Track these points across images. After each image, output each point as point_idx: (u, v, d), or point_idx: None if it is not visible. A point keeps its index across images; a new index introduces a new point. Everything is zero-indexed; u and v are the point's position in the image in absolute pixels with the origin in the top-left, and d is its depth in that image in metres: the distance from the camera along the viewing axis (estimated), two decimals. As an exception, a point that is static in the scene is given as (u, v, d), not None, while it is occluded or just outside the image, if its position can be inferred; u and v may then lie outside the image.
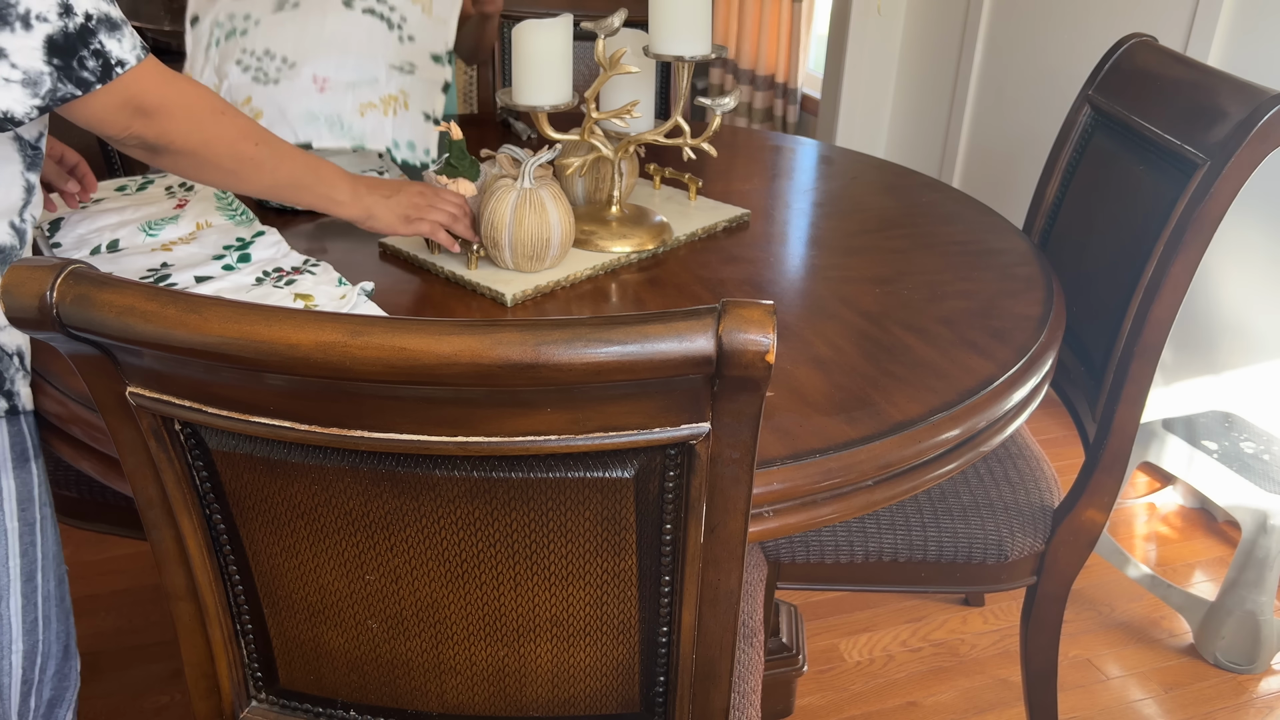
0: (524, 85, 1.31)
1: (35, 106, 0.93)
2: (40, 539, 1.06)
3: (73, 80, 0.94)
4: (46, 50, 0.92)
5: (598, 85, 1.33)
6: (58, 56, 0.93)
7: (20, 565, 1.04)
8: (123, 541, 2.04)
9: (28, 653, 1.06)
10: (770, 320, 0.63)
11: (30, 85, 0.92)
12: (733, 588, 0.79)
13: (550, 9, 2.20)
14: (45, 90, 0.93)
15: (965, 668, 1.87)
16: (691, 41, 1.34)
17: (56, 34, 0.92)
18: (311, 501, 0.77)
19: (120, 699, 1.72)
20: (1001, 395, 1.10)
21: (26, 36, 0.90)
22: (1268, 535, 1.82)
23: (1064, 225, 1.58)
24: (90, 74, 0.95)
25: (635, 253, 1.38)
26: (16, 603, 1.04)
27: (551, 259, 1.30)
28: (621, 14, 1.28)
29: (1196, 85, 1.34)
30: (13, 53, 0.90)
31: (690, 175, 1.59)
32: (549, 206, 1.27)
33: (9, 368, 1.01)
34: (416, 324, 0.64)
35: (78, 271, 0.69)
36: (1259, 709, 1.80)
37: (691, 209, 1.55)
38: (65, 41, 0.92)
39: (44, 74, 0.92)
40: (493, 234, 1.27)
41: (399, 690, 0.89)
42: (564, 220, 1.29)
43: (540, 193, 1.27)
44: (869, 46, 3.36)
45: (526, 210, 1.26)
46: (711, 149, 1.38)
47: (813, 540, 1.37)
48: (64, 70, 0.93)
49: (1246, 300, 2.23)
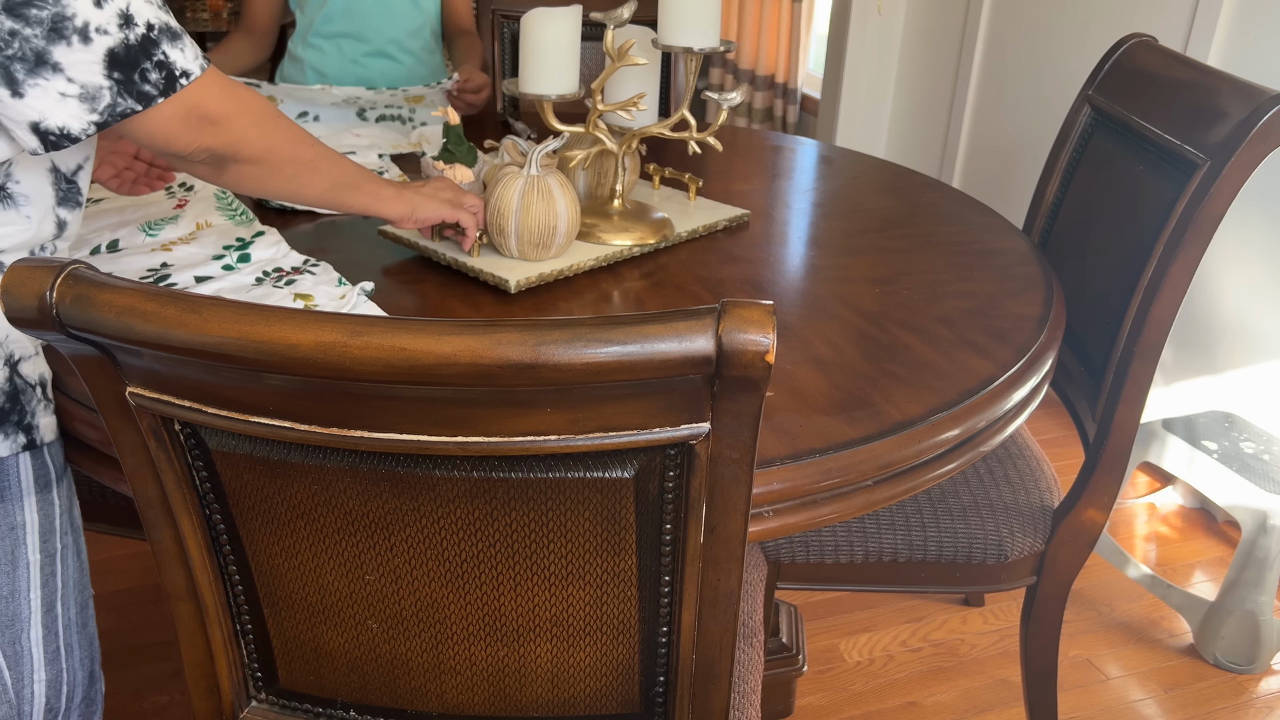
0: (531, 73, 1.31)
1: (93, 122, 0.89)
2: (61, 568, 1.04)
3: (133, 94, 0.90)
4: (107, 64, 0.87)
5: (605, 76, 1.33)
6: (119, 70, 0.88)
7: (41, 596, 1.02)
8: (123, 541, 2.04)
9: (51, 682, 1.05)
10: (770, 320, 0.63)
11: (88, 100, 0.88)
12: (733, 588, 0.79)
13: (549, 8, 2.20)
14: (104, 105, 0.88)
15: (965, 668, 1.87)
16: (701, 33, 1.34)
17: (118, 46, 0.87)
18: (311, 501, 0.77)
19: (120, 699, 1.72)
20: (1001, 395, 1.10)
21: (85, 50, 0.86)
22: (1268, 535, 1.82)
23: (1064, 225, 1.58)
24: (152, 87, 0.90)
25: (637, 246, 1.38)
26: (38, 634, 1.03)
27: (557, 248, 1.30)
28: (631, 4, 1.28)
29: (1196, 85, 1.34)
30: (70, 67, 0.86)
31: (690, 175, 1.59)
32: (556, 194, 1.26)
33: (30, 399, 0.98)
34: (416, 324, 0.64)
35: (77, 271, 0.69)
36: (1259, 709, 1.80)
37: (691, 208, 1.55)
38: (127, 54, 0.88)
39: (103, 88, 0.88)
40: (499, 220, 1.27)
41: (399, 690, 0.89)
42: (570, 209, 1.28)
43: (548, 180, 1.27)
44: (869, 46, 3.36)
45: (534, 197, 1.25)
46: (717, 143, 1.39)
47: (813, 540, 1.37)
48: (125, 84, 0.89)
49: (1246, 300, 2.23)
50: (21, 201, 0.95)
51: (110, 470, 1.03)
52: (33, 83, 0.85)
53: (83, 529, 1.09)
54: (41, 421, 0.99)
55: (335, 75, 2.03)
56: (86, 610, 1.09)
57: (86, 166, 1.02)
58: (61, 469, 1.03)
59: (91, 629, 1.10)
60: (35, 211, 0.96)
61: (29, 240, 0.96)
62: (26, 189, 0.96)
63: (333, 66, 2.03)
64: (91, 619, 1.10)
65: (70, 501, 1.06)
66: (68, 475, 1.05)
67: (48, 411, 1.00)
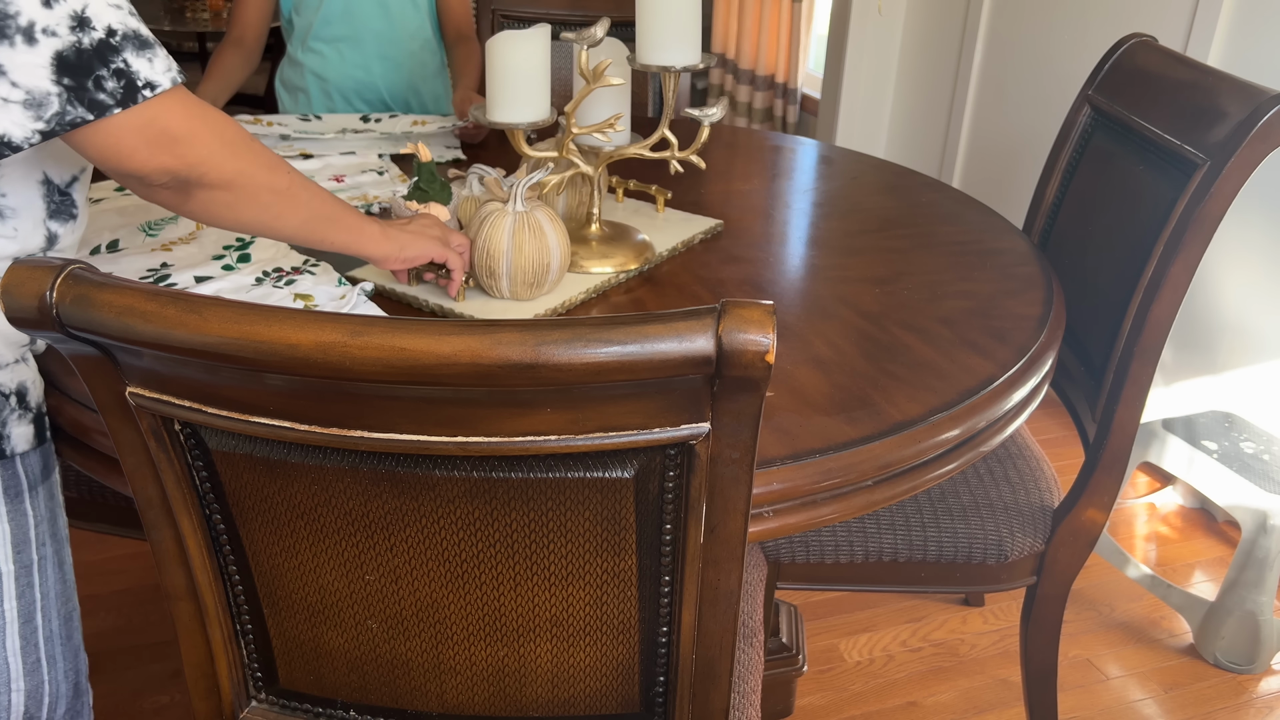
0: (500, 100, 1.22)
1: (38, 131, 0.83)
2: (39, 579, 1.01)
3: (84, 103, 0.83)
4: (55, 68, 0.82)
5: (579, 99, 1.26)
6: (69, 75, 0.82)
7: (18, 607, 1.00)
8: (123, 541, 2.04)
9: (31, 692, 1.03)
10: (770, 320, 0.63)
11: (34, 107, 0.82)
12: (733, 588, 0.79)
13: (549, 9, 2.20)
14: (52, 113, 0.83)
15: (965, 668, 1.87)
16: (680, 50, 1.27)
17: (68, 50, 0.82)
18: (311, 501, 0.77)
19: (120, 699, 1.72)
20: (1001, 395, 1.10)
21: (29, 52, 0.81)
22: (1268, 535, 1.82)
23: (1064, 225, 1.58)
24: (108, 96, 0.84)
25: (620, 273, 1.32)
26: (15, 644, 1.01)
27: (550, 284, 1.23)
28: (605, 23, 1.21)
29: (1196, 85, 1.34)
30: (12, 69, 0.81)
31: (658, 187, 1.54)
32: (547, 229, 1.20)
33: (1, 410, 0.94)
34: (416, 324, 0.64)
35: (77, 272, 0.69)
36: (1259, 709, 1.80)
37: (660, 221, 1.49)
38: (79, 59, 0.82)
39: (51, 94, 0.82)
40: (488, 263, 1.19)
41: (399, 690, 0.89)
42: (563, 243, 1.22)
43: (536, 215, 1.19)
44: (869, 46, 3.36)
45: (526, 235, 1.18)
46: (700, 161, 1.33)
47: (813, 540, 1.37)
48: (75, 91, 0.83)
49: (1246, 300, 2.23)
50: (8, 215, 0.93)
51: (110, 470, 1.03)
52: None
53: (75, 531, 1.06)
54: (13, 431, 0.96)
55: (336, 79, 2.02)
56: (71, 623, 1.07)
57: (83, 179, 0.98)
58: (37, 479, 1.00)
59: (77, 641, 1.08)
60: (23, 225, 0.94)
61: (14, 253, 0.94)
62: (14, 202, 0.93)
63: (333, 71, 2.02)
64: (77, 631, 1.08)
65: (52, 513, 1.03)
66: (48, 486, 1.02)
67: (21, 421, 0.97)
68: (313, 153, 1.70)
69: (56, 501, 1.04)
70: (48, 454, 1.02)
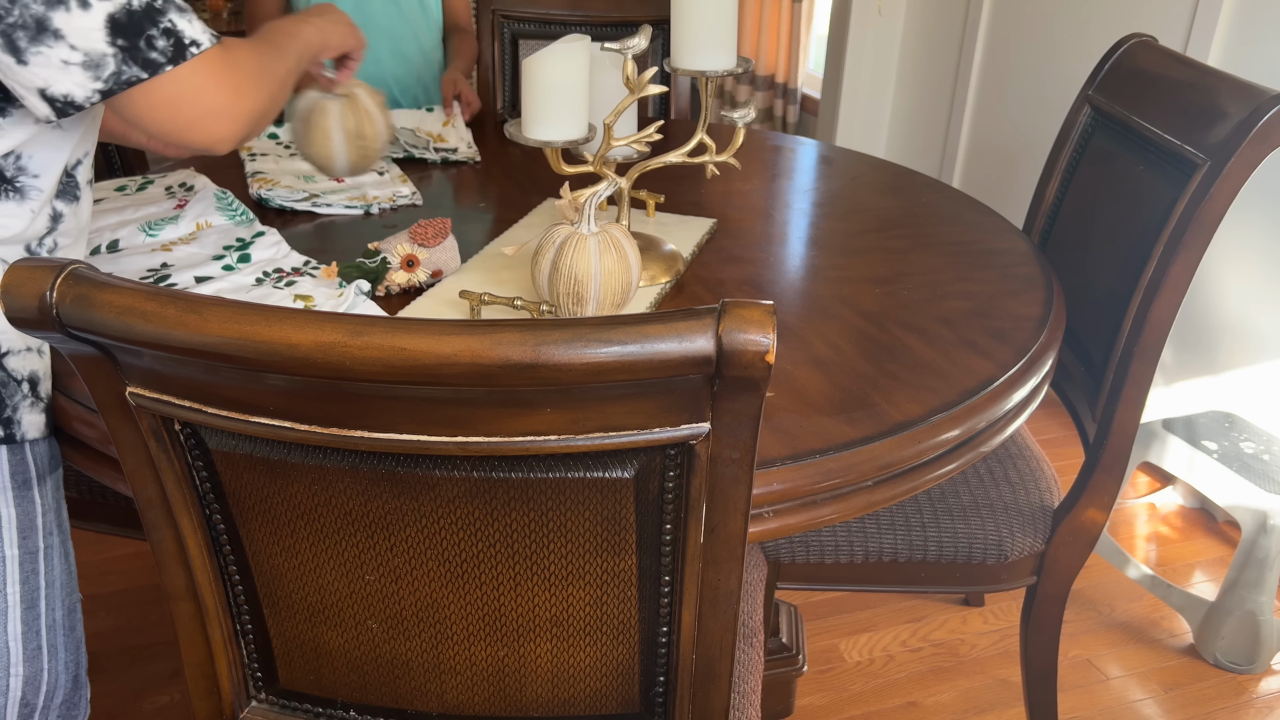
0: (536, 118, 1.20)
1: (97, 90, 0.88)
2: (44, 567, 1.03)
3: (139, 62, 0.88)
4: (109, 30, 0.86)
5: (621, 109, 1.23)
6: (122, 36, 0.87)
7: (21, 592, 1.01)
8: (123, 541, 2.04)
9: (30, 679, 1.04)
10: (770, 320, 0.63)
11: (92, 68, 0.86)
12: (733, 588, 0.79)
13: (548, 9, 2.20)
14: (109, 73, 0.87)
15: (965, 668, 1.87)
16: (716, 55, 1.26)
17: (119, 12, 0.86)
18: (311, 501, 0.77)
19: (120, 699, 1.72)
20: (1001, 395, 1.10)
21: (85, 16, 0.85)
22: (1268, 535, 1.82)
23: (1064, 225, 1.58)
24: (159, 54, 0.89)
25: (652, 286, 1.30)
26: (16, 629, 1.02)
27: (629, 303, 1.19)
28: (646, 31, 1.20)
29: (1196, 85, 1.34)
30: (71, 33, 0.85)
31: (648, 191, 1.52)
32: (625, 246, 1.14)
33: (14, 393, 0.97)
34: (416, 324, 0.64)
35: (77, 272, 0.69)
36: (1259, 709, 1.80)
37: (652, 226, 1.48)
38: (130, 20, 0.87)
39: (107, 55, 0.87)
40: (576, 289, 1.12)
41: (399, 690, 0.89)
42: (638, 256, 1.17)
43: (613, 233, 1.14)
44: (869, 46, 3.36)
45: (611, 257, 1.12)
46: (736, 163, 1.35)
47: (813, 540, 1.37)
48: (130, 51, 0.87)
49: (1246, 300, 2.23)
50: (32, 194, 0.95)
51: (110, 470, 1.03)
52: (35, 50, 0.85)
53: (75, 531, 1.07)
54: (25, 418, 0.98)
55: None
56: (74, 614, 1.08)
57: (86, 162, 1.01)
58: (46, 469, 1.02)
59: (79, 633, 1.09)
60: (38, 205, 0.96)
61: (21, 232, 0.96)
62: (42, 183, 0.95)
63: None
64: (79, 624, 1.09)
65: (58, 504, 1.04)
66: (54, 478, 1.03)
67: (34, 410, 0.99)
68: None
69: (61, 496, 1.05)
70: (55, 448, 1.04)
